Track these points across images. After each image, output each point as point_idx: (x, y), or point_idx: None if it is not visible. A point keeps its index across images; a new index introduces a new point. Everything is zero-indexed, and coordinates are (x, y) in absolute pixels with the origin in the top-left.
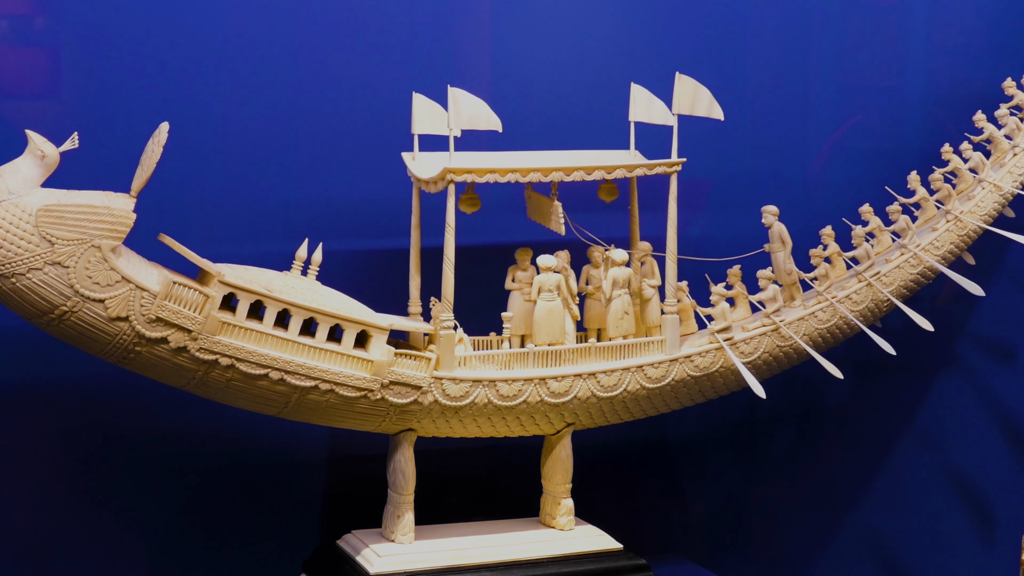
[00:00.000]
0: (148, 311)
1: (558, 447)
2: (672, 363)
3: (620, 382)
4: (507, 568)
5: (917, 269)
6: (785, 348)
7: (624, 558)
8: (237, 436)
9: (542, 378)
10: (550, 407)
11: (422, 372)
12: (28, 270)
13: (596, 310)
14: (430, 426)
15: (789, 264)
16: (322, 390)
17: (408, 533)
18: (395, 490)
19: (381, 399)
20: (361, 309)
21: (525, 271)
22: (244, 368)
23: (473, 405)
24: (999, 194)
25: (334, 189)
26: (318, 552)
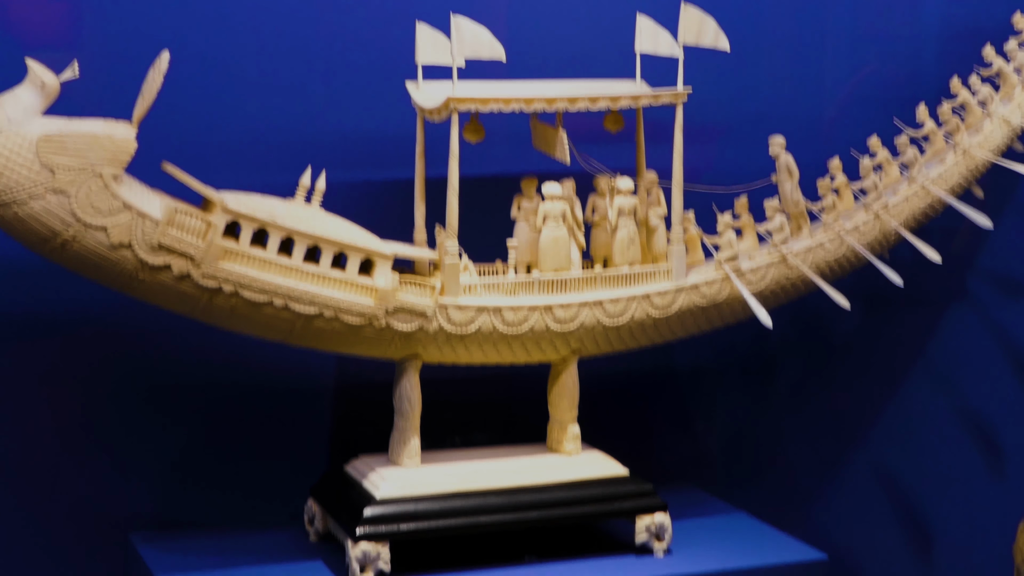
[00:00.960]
0: (151, 238)
1: (564, 374)
2: (678, 292)
3: (626, 310)
4: (513, 493)
5: (925, 201)
6: (792, 278)
7: (630, 483)
8: (245, 363)
9: (547, 306)
10: (555, 335)
11: (427, 299)
12: (29, 198)
13: (602, 239)
14: (435, 353)
15: (796, 195)
16: (326, 317)
17: (414, 458)
18: (401, 416)
19: (386, 327)
20: (365, 236)
21: (531, 200)
22: (248, 295)
23: (478, 332)
24: (1008, 128)
25: (338, 119)
26: (326, 477)
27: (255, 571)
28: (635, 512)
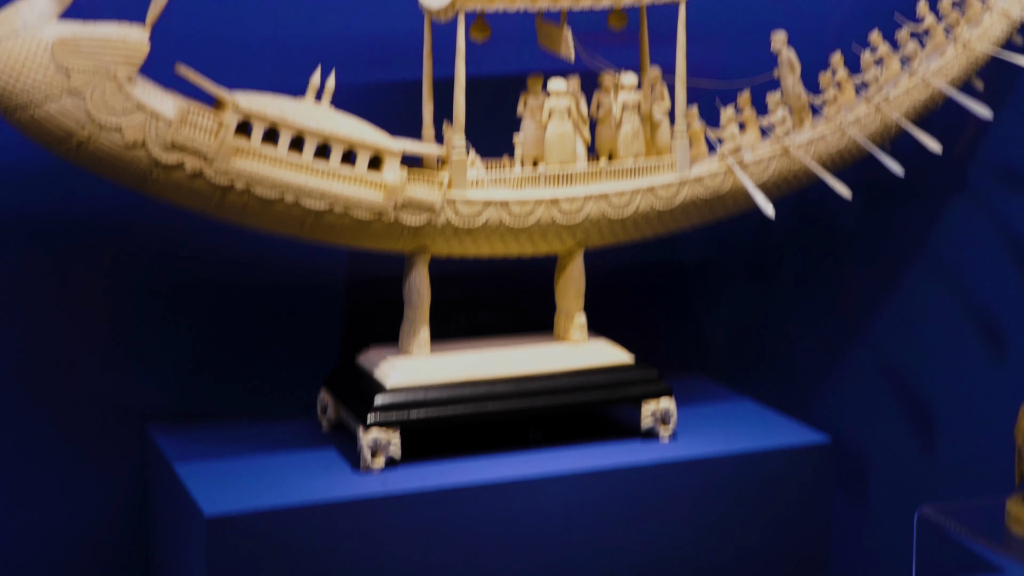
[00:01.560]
0: (164, 137)
1: (570, 266)
2: (682, 184)
3: (630, 203)
4: (521, 381)
5: (926, 94)
6: (794, 170)
7: (636, 370)
8: (259, 260)
9: (553, 199)
10: (561, 227)
11: (434, 194)
12: (45, 100)
13: (606, 134)
14: (444, 246)
15: (798, 88)
16: (336, 213)
17: (424, 348)
18: (411, 307)
19: (395, 221)
20: (374, 133)
21: (536, 97)
22: (259, 192)
23: (485, 226)
24: (1007, 20)
25: (347, 22)
26: (337, 368)
27: (269, 459)
28: (641, 398)
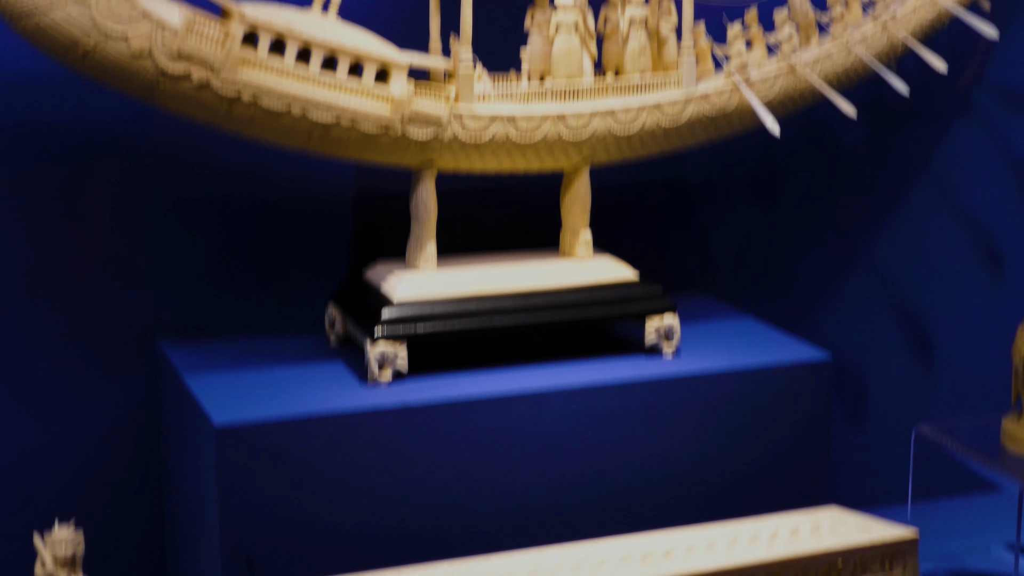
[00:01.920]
0: (170, 47)
1: (577, 182)
2: (688, 101)
3: (637, 119)
4: (526, 296)
5: (933, 13)
6: (800, 88)
7: (640, 286)
8: (267, 174)
9: (560, 115)
10: (568, 143)
11: (441, 108)
12: (51, 8)
13: (613, 50)
14: (450, 160)
15: (805, 6)
16: (343, 126)
17: (430, 262)
18: (418, 222)
19: (401, 135)
20: (381, 46)
21: (544, 11)
22: (266, 104)
23: (492, 140)
24: None
25: None
26: (345, 283)
27: (278, 372)
28: (645, 314)
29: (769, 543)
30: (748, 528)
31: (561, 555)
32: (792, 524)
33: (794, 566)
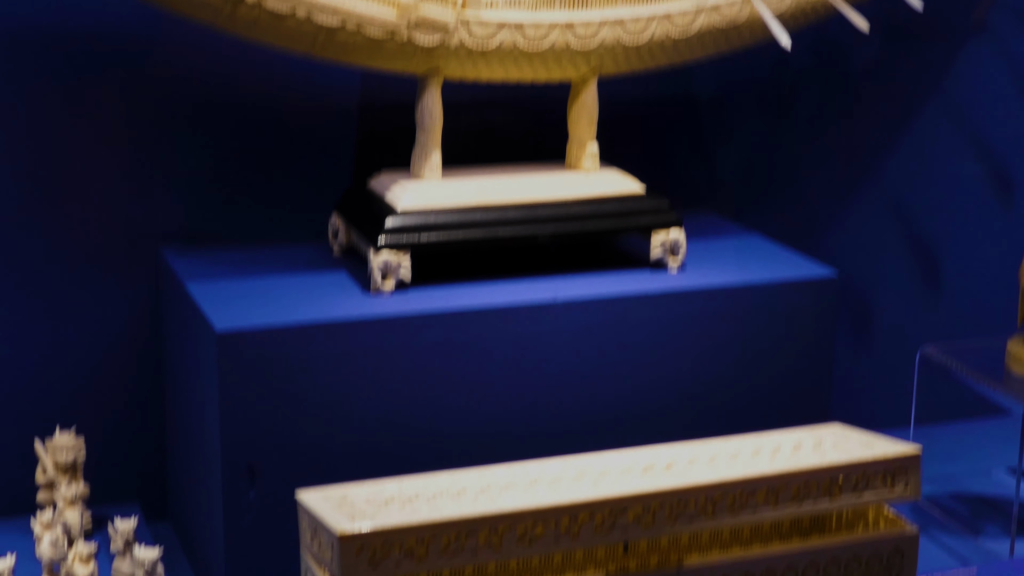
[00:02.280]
0: None
1: (584, 93)
2: (698, 12)
3: (646, 29)
4: (532, 207)
5: None
6: (812, 1)
7: (646, 199)
8: (272, 81)
9: (568, 23)
10: (576, 53)
11: (448, 13)
12: None
13: None
14: (457, 68)
15: None
16: (348, 30)
17: (435, 172)
18: (423, 131)
19: (407, 40)
20: None
21: None
22: (270, 6)
23: (499, 48)
24: None
25: None
26: (349, 192)
27: (280, 280)
28: (650, 227)
29: (771, 457)
30: (750, 443)
31: (563, 466)
32: (795, 440)
33: (795, 480)
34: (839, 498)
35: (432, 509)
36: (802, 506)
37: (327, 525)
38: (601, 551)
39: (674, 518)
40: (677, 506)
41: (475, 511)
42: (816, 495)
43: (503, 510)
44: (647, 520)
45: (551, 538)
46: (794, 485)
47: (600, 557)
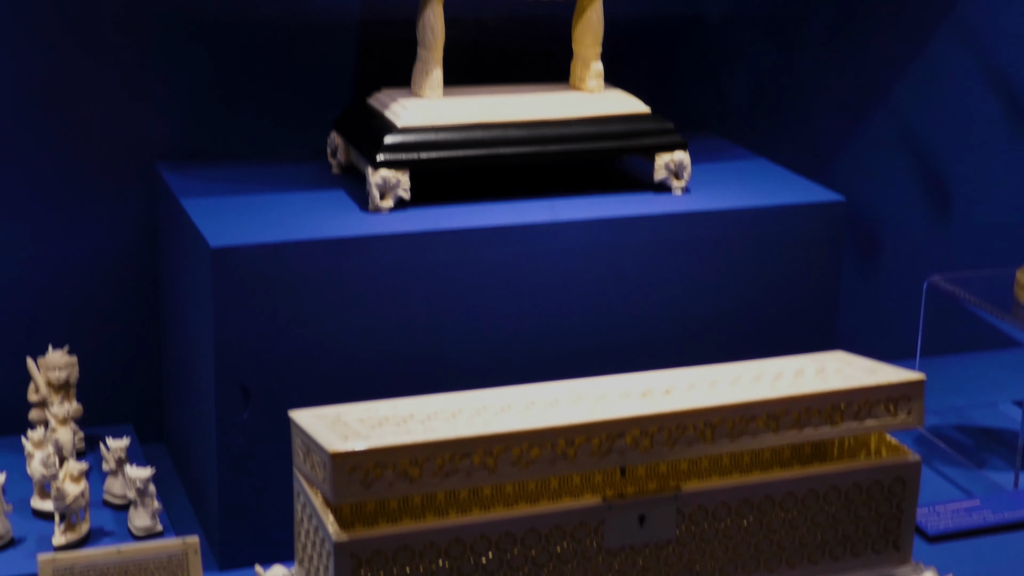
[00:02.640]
0: None
1: (589, 9)
2: None
3: None
4: (534, 126)
5: None
6: None
7: (651, 120)
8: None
9: None
10: None
11: None
12: None
13: None
14: None
15: None
16: None
17: (436, 89)
18: (424, 47)
19: None
20: None
21: None
22: None
23: None
24: None
25: None
26: (348, 110)
27: (277, 198)
28: (655, 149)
29: (772, 383)
30: (752, 368)
31: (560, 390)
32: (797, 366)
33: (796, 406)
34: (841, 425)
35: (426, 430)
36: (803, 432)
37: (320, 444)
38: (599, 476)
39: (672, 443)
40: (675, 431)
41: (470, 432)
42: (817, 422)
43: (498, 431)
44: (644, 444)
45: (547, 461)
46: (795, 411)
47: (597, 482)
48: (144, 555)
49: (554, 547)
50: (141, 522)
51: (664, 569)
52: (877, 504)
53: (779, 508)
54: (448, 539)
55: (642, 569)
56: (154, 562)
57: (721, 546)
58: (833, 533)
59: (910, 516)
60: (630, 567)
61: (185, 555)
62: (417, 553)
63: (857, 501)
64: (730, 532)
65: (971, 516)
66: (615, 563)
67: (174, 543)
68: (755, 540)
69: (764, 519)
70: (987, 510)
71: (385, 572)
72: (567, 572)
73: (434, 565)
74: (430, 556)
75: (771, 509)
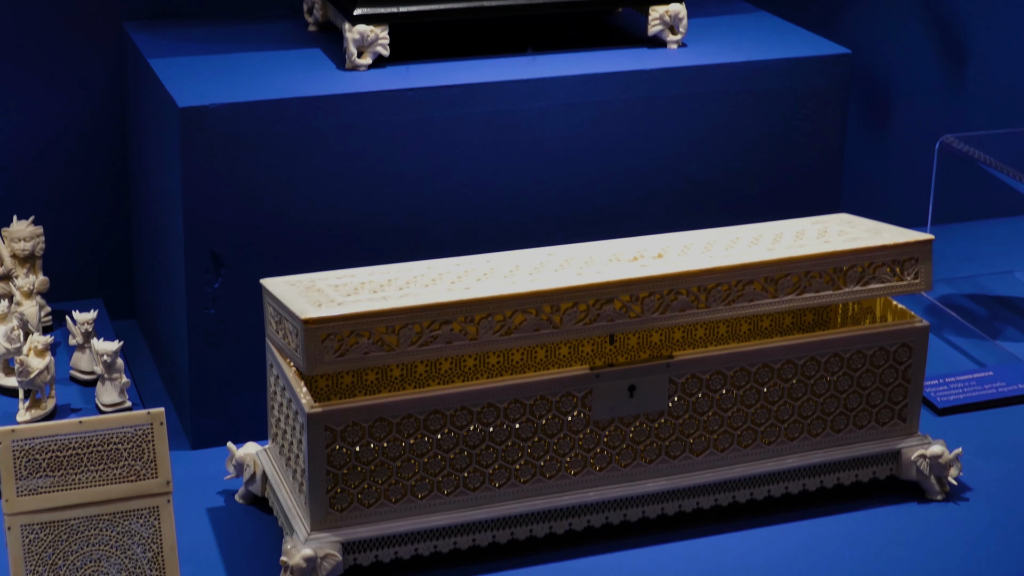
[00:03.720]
0: None
1: None
2: None
3: None
4: None
5: None
6: None
7: None
8: None
9: None
10: None
11: None
12: None
13: None
14: None
15: None
16: None
17: None
18: None
19: None
20: None
21: None
22: None
23: None
24: None
25: None
26: None
27: (250, 57)
28: (649, 1)
29: (771, 245)
30: (750, 231)
31: (546, 255)
32: (798, 228)
33: (796, 268)
34: (843, 289)
35: (404, 296)
36: (803, 297)
37: (292, 311)
38: (588, 346)
39: (664, 308)
40: (667, 295)
41: (450, 298)
42: (819, 285)
43: (479, 296)
44: (635, 310)
45: (531, 328)
46: (794, 274)
47: (586, 353)
48: (108, 427)
49: (539, 419)
50: (109, 398)
51: (656, 442)
52: (882, 373)
53: (777, 377)
54: (427, 411)
55: (632, 442)
56: (118, 434)
57: (716, 418)
58: (835, 404)
59: (917, 386)
60: (620, 440)
61: (151, 427)
62: (395, 426)
63: (861, 369)
64: (726, 403)
65: (983, 388)
66: (604, 436)
67: (139, 415)
68: (752, 411)
69: (762, 389)
70: (1000, 381)
71: (361, 447)
72: (553, 445)
73: (413, 439)
74: (408, 429)
75: (769, 378)
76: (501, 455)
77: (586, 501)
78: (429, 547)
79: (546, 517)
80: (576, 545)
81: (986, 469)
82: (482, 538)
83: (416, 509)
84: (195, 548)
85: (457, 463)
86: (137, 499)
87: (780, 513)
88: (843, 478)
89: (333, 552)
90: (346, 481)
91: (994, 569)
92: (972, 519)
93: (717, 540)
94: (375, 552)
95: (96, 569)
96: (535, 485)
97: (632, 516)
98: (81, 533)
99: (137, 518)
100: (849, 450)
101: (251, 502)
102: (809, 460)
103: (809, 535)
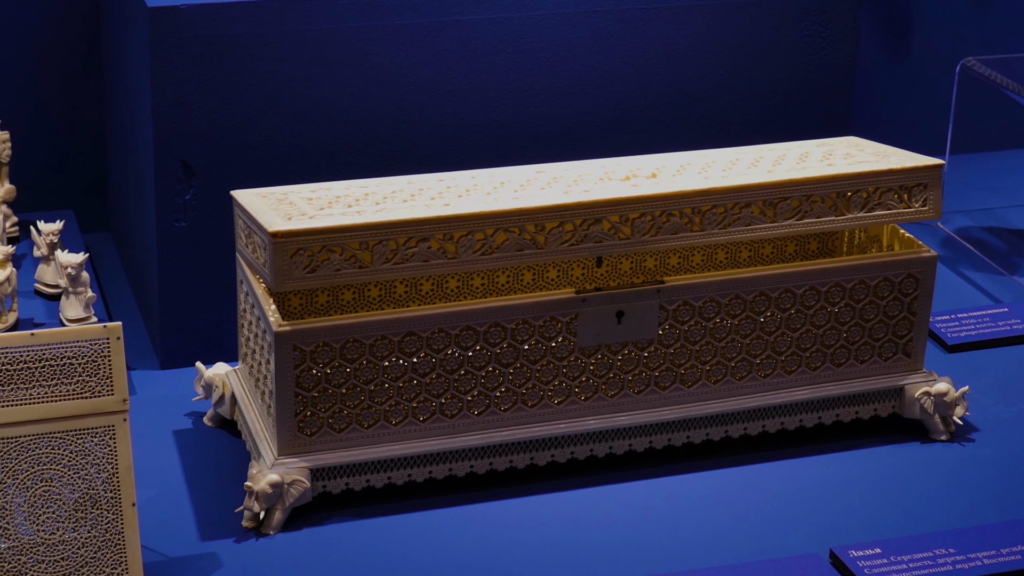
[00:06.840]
0: None
1: None
2: None
3: None
4: None
5: None
6: None
7: None
8: None
9: None
10: None
11: None
12: None
13: None
14: None
15: None
16: None
17: None
18: None
19: None
20: None
21: None
22: None
23: None
24: None
25: None
26: None
27: None
28: None
29: (771, 166)
30: (751, 152)
31: (533, 173)
32: (802, 150)
33: (796, 191)
34: (847, 215)
35: (380, 210)
36: (804, 222)
37: (261, 224)
38: (577, 270)
39: (655, 230)
40: (659, 216)
41: (428, 213)
42: (820, 210)
43: (459, 212)
44: (624, 231)
45: (513, 247)
46: (794, 197)
47: (576, 277)
48: (61, 340)
49: (521, 344)
50: (73, 312)
51: (644, 371)
52: (886, 305)
53: (775, 306)
54: (402, 332)
55: (620, 371)
56: (72, 349)
57: (709, 347)
58: (836, 336)
59: (923, 319)
60: (606, 368)
61: (107, 342)
62: (368, 348)
63: (863, 301)
64: (719, 332)
65: (996, 324)
66: (590, 364)
67: (95, 328)
68: (747, 342)
69: (758, 319)
70: (1015, 318)
71: (332, 369)
72: (536, 372)
73: (387, 362)
74: (382, 351)
75: (766, 307)
76: (480, 381)
77: (570, 431)
78: (403, 476)
79: (527, 447)
80: (558, 478)
81: (995, 409)
82: (459, 468)
83: (390, 435)
84: (158, 471)
85: (434, 388)
86: (91, 417)
87: (775, 449)
88: (842, 415)
89: (300, 478)
90: (316, 404)
91: (997, 512)
92: (976, 460)
93: (707, 476)
94: (345, 479)
95: (47, 489)
96: (516, 414)
97: (618, 449)
98: (31, 451)
99: (92, 437)
100: (849, 385)
101: (220, 425)
102: (807, 395)
103: (804, 473)
